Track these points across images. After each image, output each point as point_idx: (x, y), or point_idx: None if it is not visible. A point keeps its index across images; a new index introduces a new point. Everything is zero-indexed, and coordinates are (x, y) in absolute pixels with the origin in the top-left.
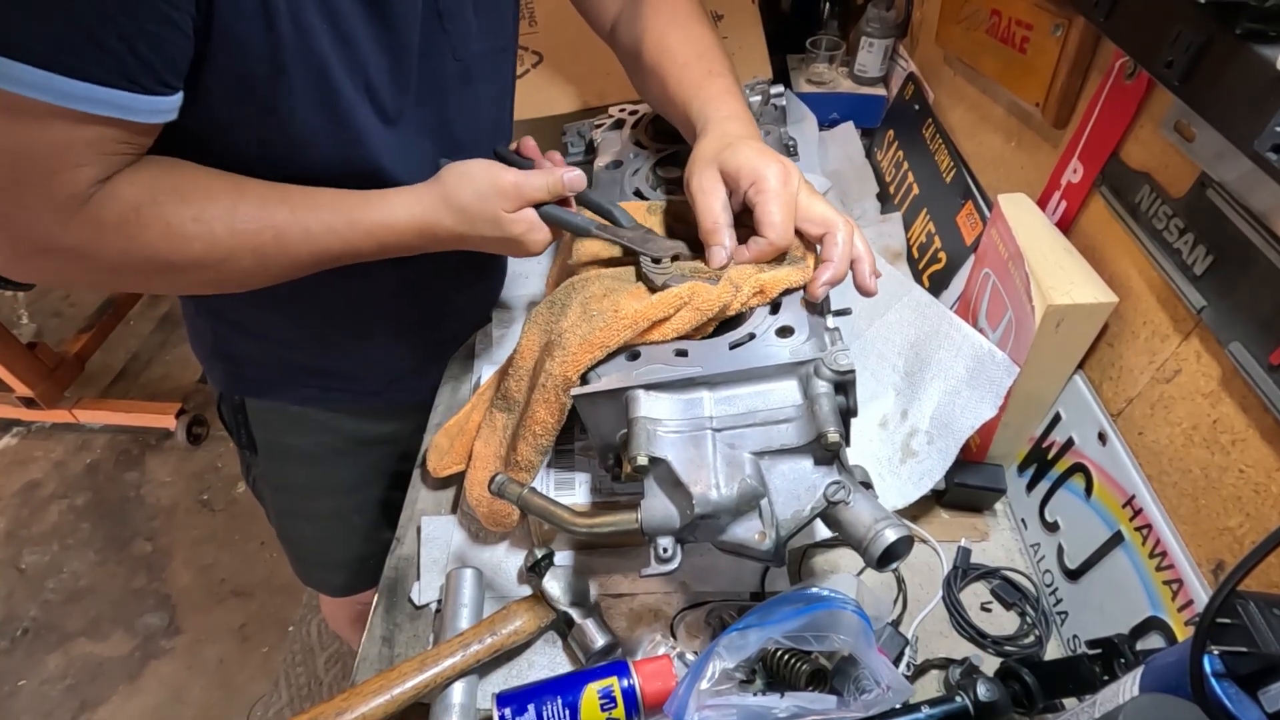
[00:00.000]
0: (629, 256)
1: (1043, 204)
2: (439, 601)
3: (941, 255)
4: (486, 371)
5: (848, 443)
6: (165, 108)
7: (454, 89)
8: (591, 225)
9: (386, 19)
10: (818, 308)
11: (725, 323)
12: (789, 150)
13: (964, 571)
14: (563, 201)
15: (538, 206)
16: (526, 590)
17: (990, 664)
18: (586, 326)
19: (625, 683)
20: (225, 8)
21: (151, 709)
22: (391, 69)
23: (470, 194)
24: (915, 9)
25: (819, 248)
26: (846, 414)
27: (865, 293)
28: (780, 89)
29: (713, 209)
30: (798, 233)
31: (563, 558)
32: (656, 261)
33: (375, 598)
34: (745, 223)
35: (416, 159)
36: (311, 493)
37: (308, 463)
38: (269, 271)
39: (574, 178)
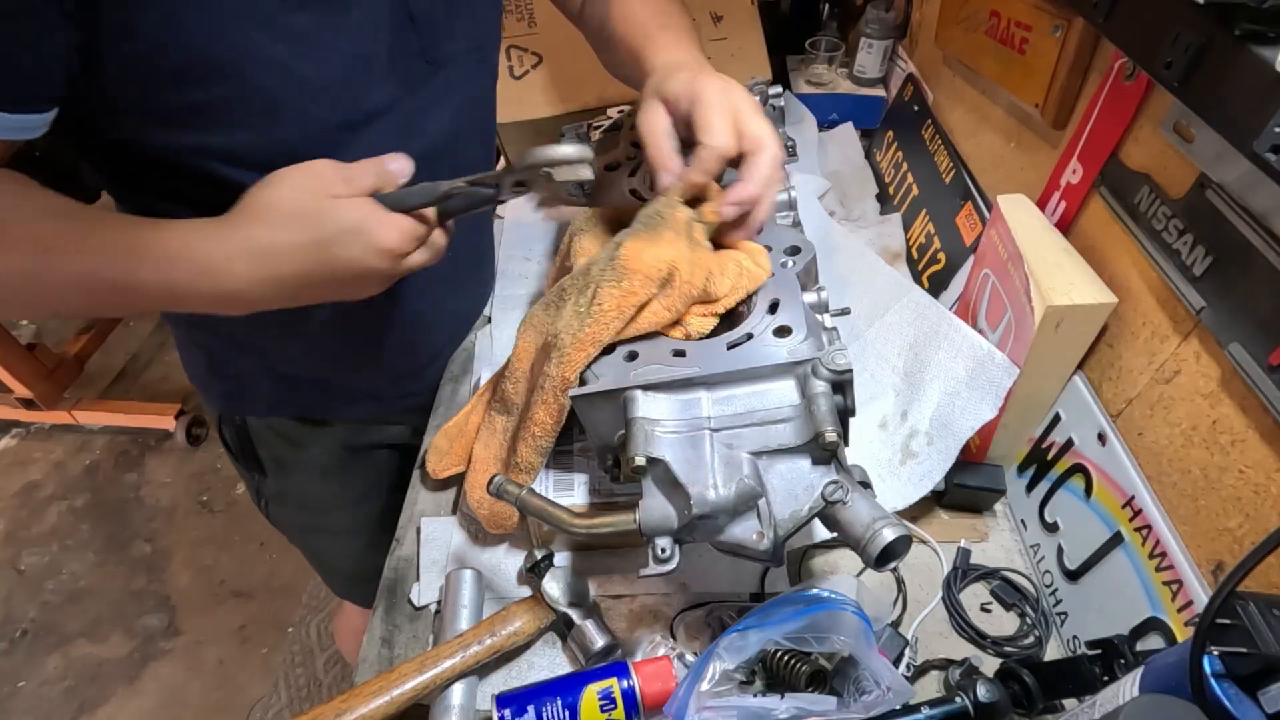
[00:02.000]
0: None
1: (1042, 205)
2: (438, 603)
3: (941, 256)
4: (486, 372)
5: (846, 442)
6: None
7: (426, 92)
8: (439, 184)
9: (345, 22)
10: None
11: (723, 323)
12: (788, 150)
13: (964, 572)
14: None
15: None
16: (526, 591)
17: (990, 665)
18: (577, 324)
19: (625, 684)
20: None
21: (151, 710)
22: (353, 72)
23: (283, 190)
24: (914, 10)
25: (741, 164)
26: (844, 413)
27: (748, 234)
28: (779, 90)
29: (656, 135)
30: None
31: (562, 559)
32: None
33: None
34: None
35: None
36: (327, 506)
37: (318, 475)
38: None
39: (401, 165)
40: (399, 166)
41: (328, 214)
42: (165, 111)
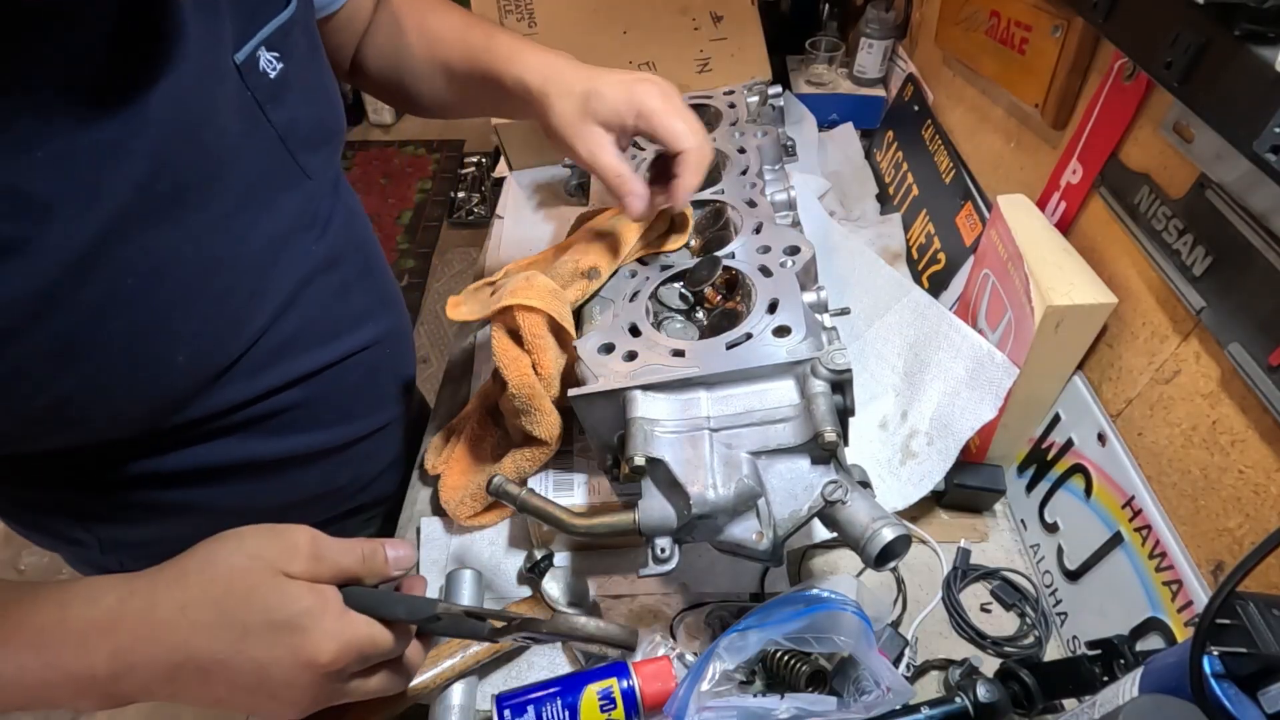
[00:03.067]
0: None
1: (1042, 205)
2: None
3: (941, 256)
4: (486, 373)
5: (846, 442)
6: None
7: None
8: (432, 603)
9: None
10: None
11: (722, 322)
12: (788, 150)
13: (963, 572)
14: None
15: (345, 589)
16: (526, 591)
17: (990, 665)
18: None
19: (625, 684)
20: None
21: (151, 710)
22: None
23: (231, 552)
24: (914, 10)
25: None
26: (844, 413)
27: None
28: (779, 90)
29: (609, 162)
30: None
31: (562, 559)
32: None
33: None
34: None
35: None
36: None
37: None
38: None
39: (400, 555)
40: (398, 555)
41: (260, 595)
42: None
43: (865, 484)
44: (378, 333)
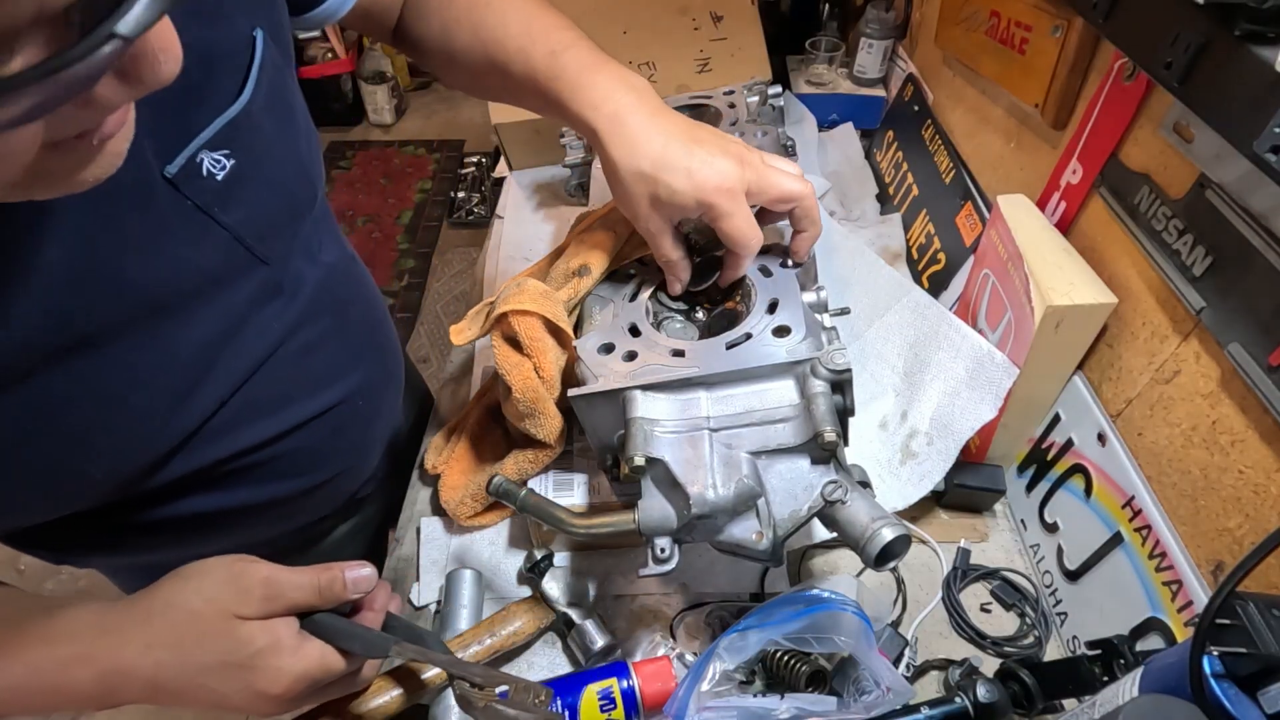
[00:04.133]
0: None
1: (1042, 205)
2: (438, 602)
3: (941, 256)
4: (486, 373)
5: (845, 442)
6: None
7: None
8: (388, 641)
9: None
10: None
11: (722, 322)
12: (787, 150)
13: (963, 572)
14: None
15: (304, 618)
16: (526, 591)
17: (990, 665)
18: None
19: (625, 684)
20: None
21: (150, 709)
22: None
23: (188, 593)
24: (914, 10)
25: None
26: (844, 413)
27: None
28: (779, 90)
29: (667, 249)
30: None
31: (562, 559)
32: (476, 687)
33: None
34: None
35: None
36: None
37: None
38: None
39: (359, 576)
40: (356, 578)
41: (215, 638)
42: None
43: (865, 484)
44: (348, 390)
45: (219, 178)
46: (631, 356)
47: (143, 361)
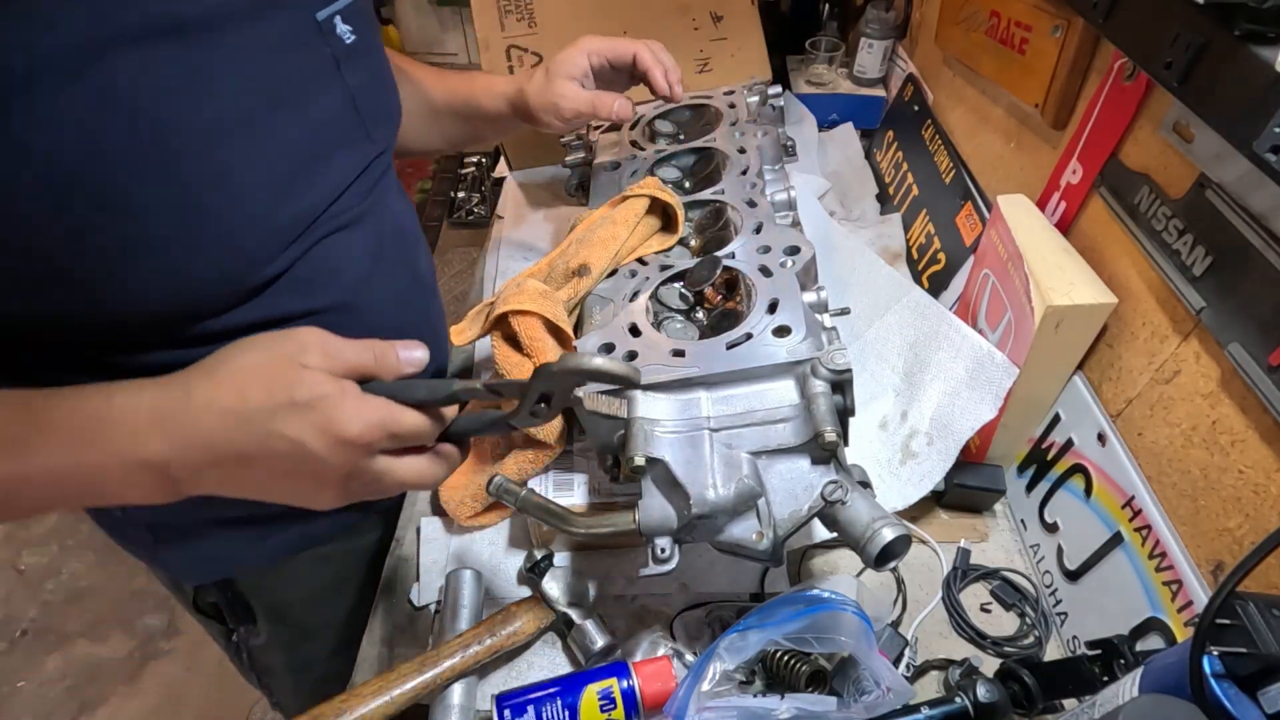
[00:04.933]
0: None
1: (1042, 205)
2: (438, 603)
3: (941, 256)
4: (486, 374)
5: (846, 442)
6: None
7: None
8: (450, 383)
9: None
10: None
11: (722, 322)
12: (788, 150)
13: (963, 572)
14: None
15: (362, 384)
16: (526, 591)
17: (990, 665)
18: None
19: (625, 684)
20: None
21: (151, 710)
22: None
23: (249, 351)
24: (914, 10)
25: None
26: (844, 413)
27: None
28: (778, 90)
29: (583, 96)
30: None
31: (562, 559)
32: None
33: (374, 599)
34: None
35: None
36: (336, 624)
37: (325, 596)
38: None
39: (411, 355)
40: (410, 355)
41: (281, 380)
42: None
43: (865, 484)
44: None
45: (346, 42)
46: (632, 356)
47: (260, 156)
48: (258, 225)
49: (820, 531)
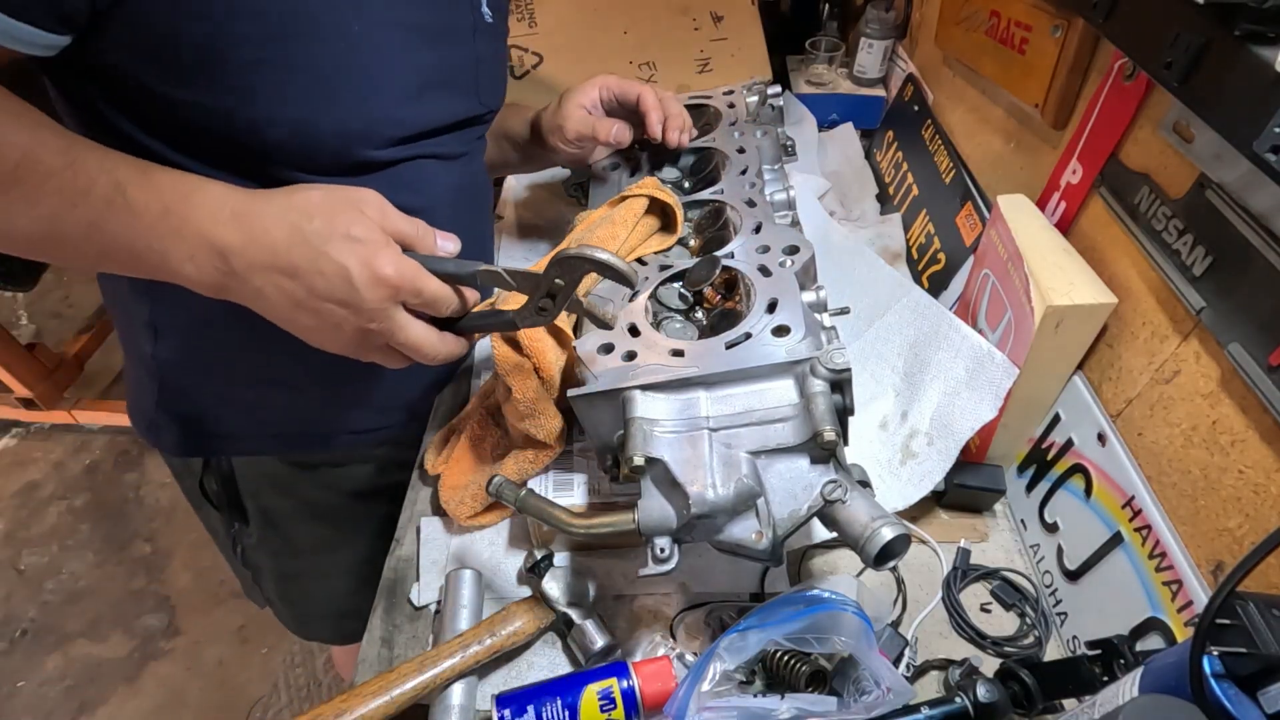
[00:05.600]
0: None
1: (1042, 205)
2: (438, 602)
3: (941, 256)
4: (486, 373)
5: (845, 442)
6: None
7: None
8: (474, 264)
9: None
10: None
11: (721, 322)
12: (787, 150)
13: (963, 572)
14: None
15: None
16: (526, 591)
17: (990, 665)
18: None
19: (625, 684)
20: None
21: (151, 710)
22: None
23: (318, 188)
24: (914, 10)
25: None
26: (843, 413)
27: (674, 145)
28: (779, 90)
29: (585, 119)
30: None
31: (562, 559)
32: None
33: (374, 599)
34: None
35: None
36: (320, 550)
37: (312, 520)
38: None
39: (447, 246)
40: (445, 244)
41: (343, 216)
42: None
43: (865, 484)
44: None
45: (487, 19)
46: (631, 356)
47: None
48: (381, 111)
49: (820, 531)
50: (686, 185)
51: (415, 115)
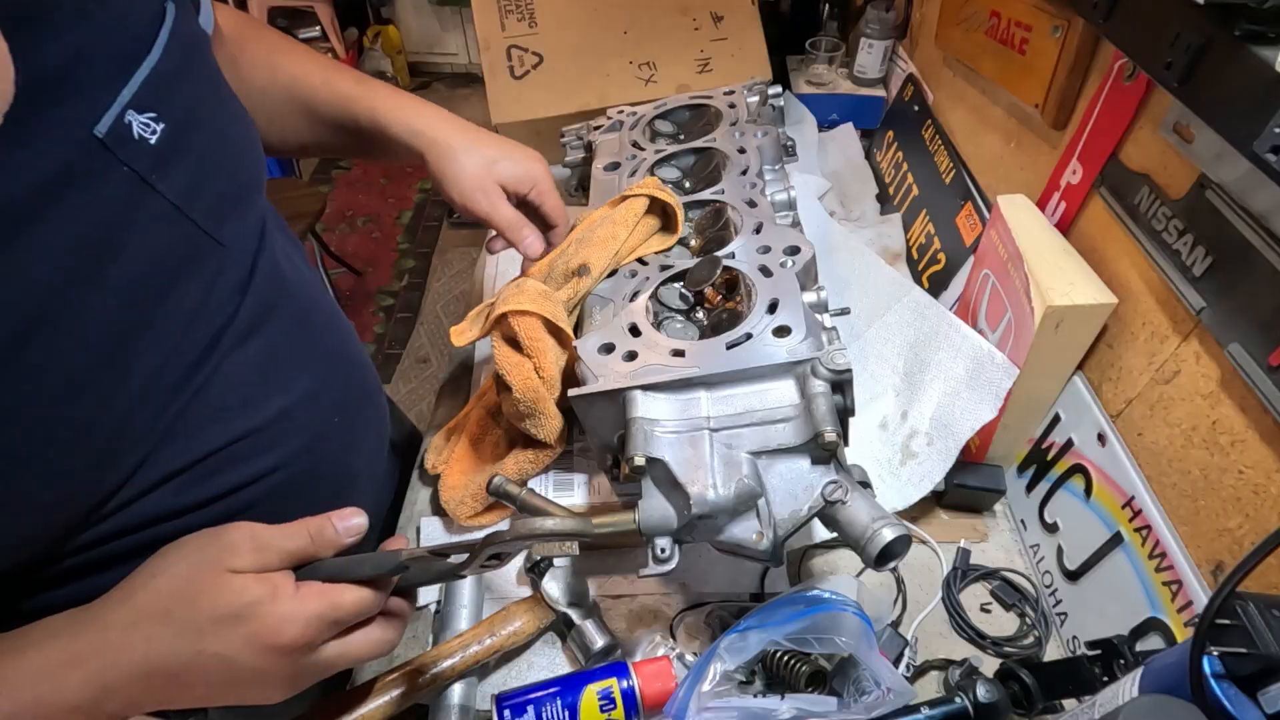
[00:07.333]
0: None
1: (1042, 205)
2: (438, 602)
3: (941, 256)
4: (486, 373)
5: (846, 442)
6: None
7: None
8: (395, 555)
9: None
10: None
11: (722, 322)
12: (788, 150)
13: (963, 572)
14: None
15: (301, 569)
16: (526, 591)
17: (990, 665)
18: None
19: (625, 684)
20: None
21: None
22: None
23: (170, 561)
24: (915, 10)
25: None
26: (844, 413)
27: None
28: (779, 90)
29: (510, 214)
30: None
31: (562, 559)
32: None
33: None
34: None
35: None
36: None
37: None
38: None
39: (349, 524)
40: (348, 525)
41: (206, 593)
42: None
43: (865, 484)
44: (311, 390)
45: (152, 142)
46: (631, 356)
47: (83, 369)
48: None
49: (820, 531)
50: (687, 185)
51: (121, 409)
